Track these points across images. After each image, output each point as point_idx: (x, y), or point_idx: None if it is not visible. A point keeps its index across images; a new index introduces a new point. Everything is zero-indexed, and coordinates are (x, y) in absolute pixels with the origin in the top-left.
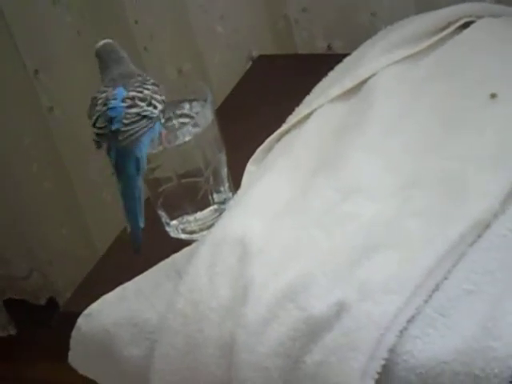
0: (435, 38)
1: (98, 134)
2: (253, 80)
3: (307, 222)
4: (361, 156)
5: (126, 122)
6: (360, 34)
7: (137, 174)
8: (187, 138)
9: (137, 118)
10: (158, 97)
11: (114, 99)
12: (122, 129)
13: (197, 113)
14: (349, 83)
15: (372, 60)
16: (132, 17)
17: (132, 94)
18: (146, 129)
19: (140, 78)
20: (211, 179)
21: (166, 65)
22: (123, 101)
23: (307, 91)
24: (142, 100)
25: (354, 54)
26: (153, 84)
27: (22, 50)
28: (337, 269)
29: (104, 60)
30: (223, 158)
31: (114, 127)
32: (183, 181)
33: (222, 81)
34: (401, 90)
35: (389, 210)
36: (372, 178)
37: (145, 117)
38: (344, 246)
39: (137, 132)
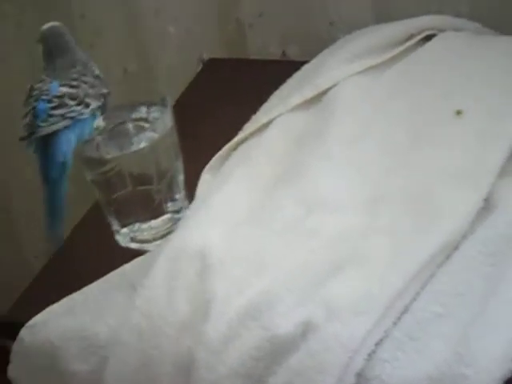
0: (397, 50)
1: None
2: (203, 83)
3: (270, 235)
4: (324, 167)
5: (44, 124)
6: (316, 42)
7: (60, 179)
8: (144, 144)
9: (58, 120)
10: (94, 92)
11: (45, 95)
12: (39, 129)
13: (155, 118)
14: (309, 92)
15: (332, 69)
16: (78, 11)
17: (64, 90)
18: (66, 130)
19: (80, 69)
20: (167, 187)
21: (112, 64)
22: (50, 100)
23: (261, 97)
24: (72, 98)
25: (313, 62)
26: (95, 76)
27: None
28: (302, 286)
29: (48, 45)
30: (180, 165)
31: (34, 128)
32: (138, 188)
33: (170, 83)
34: (363, 102)
35: (354, 225)
36: (335, 191)
37: (71, 118)
38: (308, 263)
39: (55, 133)
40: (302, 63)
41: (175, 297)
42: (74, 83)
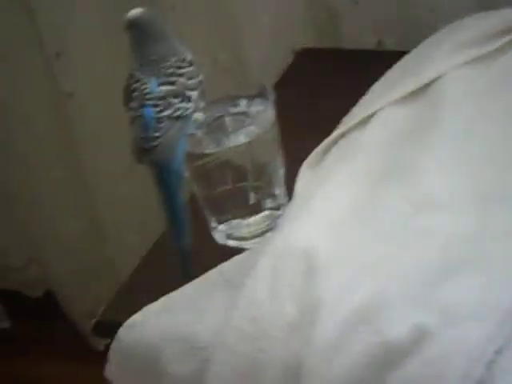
0: (505, 40)
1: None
2: (296, 75)
3: (378, 235)
4: (432, 165)
5: (157, 134)
6: (415, 31)
7: (178, 187)
8: (243, 139)
9: (169, 124)
10: (192, 82)
11: (148, 99)
12: (155, 143)
13: (256, 112)
14: (413, 85)
15: (437, 61)
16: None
17: (164, 88)
18: (181, 133)
19: (174, 60)
20: (266, 183)
21: (202, 53)
22: (156, 104)
23: (356, 88)
24: (174, 96)
25: (415, 52)
26: (189, 64)
27: (44, 30)
28: (414, 290)
29: (138, 35)
30: (280, 160)
31: (147, 144)
32: (238, 185)
33: (262, 73)
34: (470, 97)
35: (467, 226)
36: (446, 190)
37: (178, 117)
38: (420, 264)
39: (171, 141)
40: (399, 53)
41: (280, 298)
42: (173, 79)
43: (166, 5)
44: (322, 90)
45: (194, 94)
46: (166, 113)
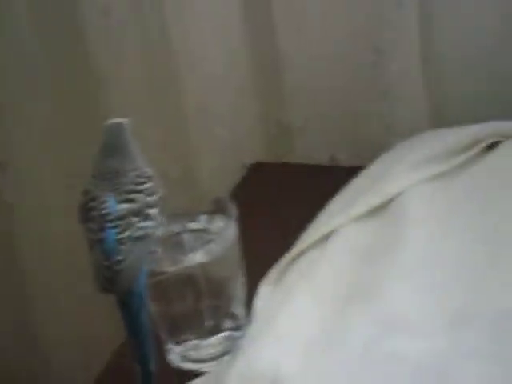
0: (465, 156)
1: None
2: (248, 189)
3: (348, 361)
4: (398, 286)
5: (120, 257)
6: (369, 147)
7: (142, 310)
8: (204, 258)
9: (131, 245)
10: (152, 199)
11: (108, 220)
12: (119, 268)
13: (218, 229)
14: (376, 200)
15: (399, 177)
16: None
17: (124, 207)
18: (143, 254)
19: (133, 175)
20: (226, 302)
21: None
22: (116, 226)
23: (310, 203)
24: (134, 214)
25: (373, 168)
26: (148, 180)
27: None
28: None
29: (106, 145)
30: (241, 279)
31: (110, 271)
32: (195, 304)
33: (213, 187)
34: (435, 213)
35: (439, 351)
36: (414, 312)
37: (139, 238)
38: None
39: (134, 265)
40: (352, 168)
41: None
42: (132, 196)
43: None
44: (274, 204)
45: (154, 212)
46: (126, 233)
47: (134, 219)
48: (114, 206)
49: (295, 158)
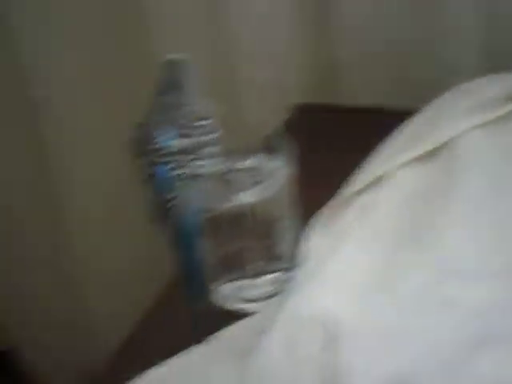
0: None
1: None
2: (294, 131)
3: (401, 305)
4: (454, 231)
5: (172, 195)
6: (420, 90)
7: (194, 248)
8: (256, 197)
9: (184, 183)
10: (208, 138)
11: (162, 155)
12: (170, 205)
13: (270, 168)
14: (429, 145)
15: (452, 121)
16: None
17: (178, 143)
18: (196, 193)
19: (191, 111)
20: (277, 243)
21: None
22: (169, 161)
23: (358, 148)
24: (189, 152)
25: (423, 114)
26: (206, 118)
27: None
28: (446, 363)
29: (164, 80)
30: (293, 220)
31: (162, 206)
32: (245, 244)
33: (259, 128)
34: (489, 158)
35: (493, 299)
36: (469, 260)
37: (193, 176)
38: (449, 337)
39: (187, 203)
40: (403, 112)
41: (300, 370)
42: (188, 132)
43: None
44: (320, 147)
45: (209, 151)
46: (180, 171)
47: (189, 156)
48: (168, 140)
49: (344, 99)
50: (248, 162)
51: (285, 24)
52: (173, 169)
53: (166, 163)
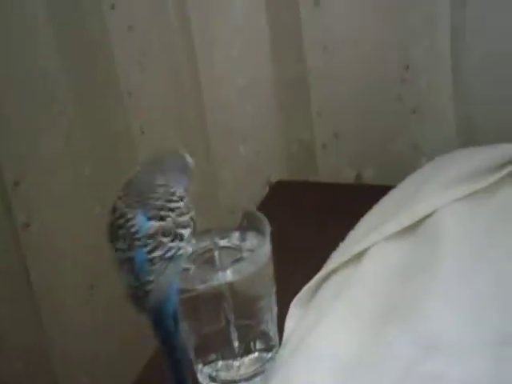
0: (497, 176)
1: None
2: (271, 208)
3: (384, 381)
4: (436, 305)
5: (150, 278)
6: (396, 166)
7: (175, 330)
8: (236, 276)
9: (161, 265)
10: (184, 220)
11: (137, 239)
12: (149, 288)
13: (251, 246)
14: (407, 220)
15: (430, 196)
16: (138, 127)
17: (155, 225)
18: (174, 275)
19: (163, 192)
20: (257, 322)
21: None
22: (145, 244)
23: (336, 222)
24: (164, 234)
25: (403, 186)
26: (179, 199)
27: (2, 159)
28: None
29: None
30: (274, 298)
31: (140, 291)
32: (226, 323)
33: (236, 205)
34: (469, 231)
35: (480, 373)
36: (453, 332)
37: (170, 258)
38: None
39: (165, 285)
40: (378, 187)
41: None
42: (162, 213)
43: (134, 131)
44: (299, 223)
45: (185, 232)
46: (157, 253)
47: (164, 239)
48: (143, 222)
49: (320, 177)
50: (226, 241)
51: (263, 101)
52: (150, 251)
53: (143, 246)
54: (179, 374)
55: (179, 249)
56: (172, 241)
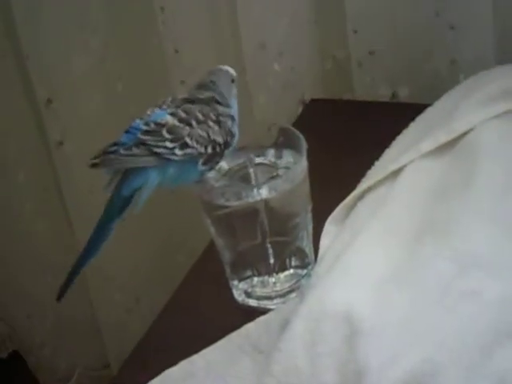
0: None
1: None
2: (306, 126)
3: (422, 297)
4: (474, 222)
5: (124, 151)
6: (433, 83)
7: (115, 216)
8: (271, 193)
9: (142, 152)
10: (202, 137)
11: (142, 119)
12: (115, 156)
13: (287, 164)
14: (444, 137)
15: (468, 113)
16: (171, 46)
17: (168, 119)
18: (155, 170)
19: (203, 106)
20: (294, 239)
21: None
22: (147, 123)
23: (370, 142)
24: (170, 132)
25: (439, 105)
26: (216, 121)
27: (34, 76)
28: (467, 357)
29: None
30: (310, 216)
31: (109, 149)
32: (262, 240)
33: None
34: (507, 149)
35: None
36: (491, 249)
37: (154, 154)
38: (471, 330)
39: (142, 172)
40: (415, 105)
41: (320, 365)
42: (184, 116)
43: (168, 50)
44: (332, 142)
45: (193, 149)
46: (147, 138)
47: (167, 135)
48: (162, 114)
49: (355, 95)
50: (262, 158)
51: (298, 18)
52: (145, 132)
53: (143, 123)
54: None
55: (171, 154)
56: (172, 142)
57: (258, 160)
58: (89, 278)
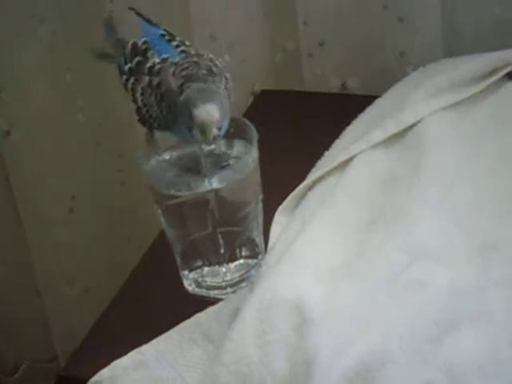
0: (483, 85)
1: None
2: (255, 117)
3: (373, 286)
4: (423, 211)
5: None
6: (382, 75)
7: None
8: (222, 183)
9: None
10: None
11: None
12: None
13: (238, 154)
14: (393, 128)
15: (416, 104)
16: None
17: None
18: None
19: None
20: (244, 229)
21: None
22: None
23: (319, 132)
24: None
25: (388, 96)
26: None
27: None
28: (415, 345)
29: None
30: (260, 206)
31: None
32: (212, 230)
33: None
34: (454, 140)
35: (465, 277)
36: (441, 238)
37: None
38: (420, 319)
39: None
40: (363, 97)
41: (270, 354)
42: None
43: None
44: (283, 133)
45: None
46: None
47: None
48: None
49: (305, 86)
50: (213, 148)
51: (249, 9)
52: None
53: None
54: None
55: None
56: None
57: (208, 150)
58: (37, 270)
